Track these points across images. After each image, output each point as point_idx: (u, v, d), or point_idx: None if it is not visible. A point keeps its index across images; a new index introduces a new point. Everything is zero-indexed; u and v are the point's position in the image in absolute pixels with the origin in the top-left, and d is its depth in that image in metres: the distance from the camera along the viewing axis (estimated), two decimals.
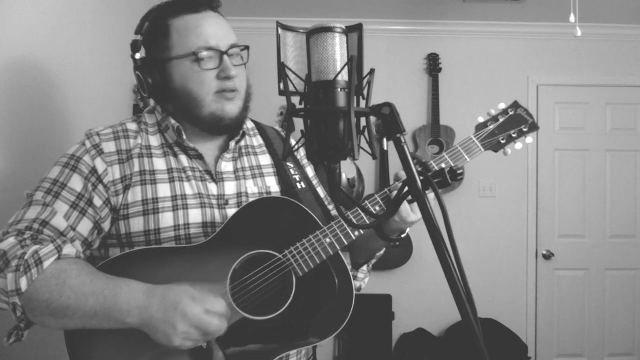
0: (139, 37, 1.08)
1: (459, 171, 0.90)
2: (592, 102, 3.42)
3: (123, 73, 2.19)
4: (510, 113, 1.18)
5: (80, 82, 1.79)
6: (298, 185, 1.13)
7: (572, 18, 1.95)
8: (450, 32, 3.41)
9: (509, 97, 3.56)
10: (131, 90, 2.26)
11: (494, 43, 3.42)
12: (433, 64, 3.33)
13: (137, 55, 1.06)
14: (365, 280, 1.19)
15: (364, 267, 1.18)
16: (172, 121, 1.07)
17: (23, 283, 0.86)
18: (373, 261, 1.18)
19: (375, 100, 0.66)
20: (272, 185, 1.13)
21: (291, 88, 0.67)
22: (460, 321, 1.74)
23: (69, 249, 0.92)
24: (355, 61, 0.64)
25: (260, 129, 1.23)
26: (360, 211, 1.03)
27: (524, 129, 1.17)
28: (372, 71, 0.68)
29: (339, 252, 1.00)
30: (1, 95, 1.36)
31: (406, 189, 0.68)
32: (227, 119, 1.05)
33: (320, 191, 1.22)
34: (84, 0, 1.83)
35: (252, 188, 1.10)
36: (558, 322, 3.40)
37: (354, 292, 0.99)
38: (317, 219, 1.01)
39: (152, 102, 1.16)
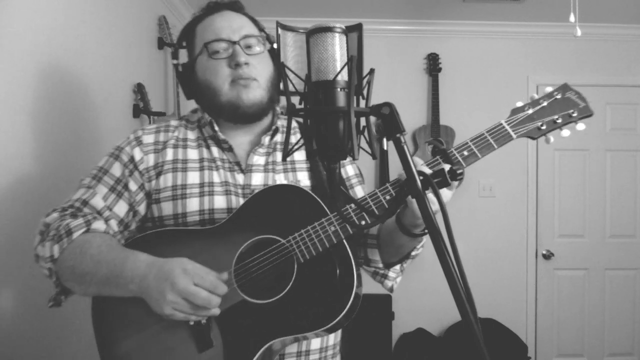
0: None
1: (459, 171, 0.89)
2: (591, 102, 3.40)
3: (123, 73, 2.19)
4: (557, 97, 1.00)
5: (80, 82, 1.79)
6: None
7: (572, 18, 1.95)
8: (450, 32, 3.41)
9: (509, 96, 3.55)
10: (131, 90, 2.26)
11: (494, 43, 3.42)
12: (433, 64, 3.33)
13: (175, 62, 1.16)
14: (397, 280, 1.16)
15: (397, 267, 1.15)
16: (207, 116, 1.14)
17: (56, 250, 0.98)
18: (408, 261, 1.14)
19: (375, 100, 0.66)
20: (303, 179, 1.14)
21: (291, 88, 0.67)
22: (460, 321, 1.74)
23: (98, 225, 1.02)
24: (355, 61, 0.64)
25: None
26: (369, 202, 0.98)
27: (573, 114, 0.98)
28: (372, 71, 0.67)
29: (344, 241, 0.97)
30: (2, 95, 1.36)
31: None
32: (243, 106, 1.09)
33: (359, 191, 1.21)
34: (84, 0, 1.83)
35: (282, 181, 1.13)
36: (558, 322, 3.40)
37: (355, 285, 0.95)
38: (325, 208, 1.00)
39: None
